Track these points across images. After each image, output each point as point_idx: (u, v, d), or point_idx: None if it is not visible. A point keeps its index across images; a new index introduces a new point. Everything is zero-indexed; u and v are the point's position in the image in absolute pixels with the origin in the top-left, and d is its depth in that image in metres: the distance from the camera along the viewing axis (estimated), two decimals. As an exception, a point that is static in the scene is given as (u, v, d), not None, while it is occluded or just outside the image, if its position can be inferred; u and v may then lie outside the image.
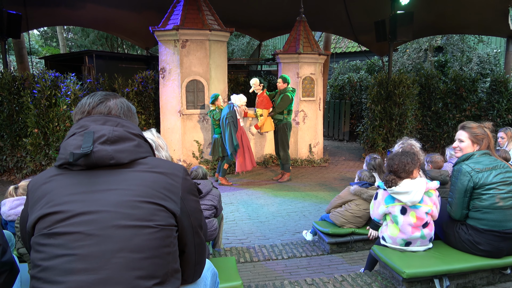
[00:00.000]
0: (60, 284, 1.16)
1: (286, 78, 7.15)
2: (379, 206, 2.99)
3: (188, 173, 1.44)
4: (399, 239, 2.88)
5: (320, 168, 8.43)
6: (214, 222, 3.62)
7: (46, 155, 6.93)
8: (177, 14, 7.47)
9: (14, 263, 1.57)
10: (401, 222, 2.85)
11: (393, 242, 2.92)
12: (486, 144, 2.86)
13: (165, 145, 2.20)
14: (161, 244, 1.26)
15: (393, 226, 2.90)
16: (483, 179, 2.71)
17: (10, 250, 1.58)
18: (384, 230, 2.99)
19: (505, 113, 8.87)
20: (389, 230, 2.93)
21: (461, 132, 2.93)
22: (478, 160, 2.79)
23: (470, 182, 2.73)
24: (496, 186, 2.70)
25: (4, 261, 1.52)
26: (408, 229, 2.83)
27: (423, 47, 12.89)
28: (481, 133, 2.86)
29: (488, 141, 2.87)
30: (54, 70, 7.23)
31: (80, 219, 1.22)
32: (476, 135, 2.86)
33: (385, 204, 2.94)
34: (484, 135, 2.86)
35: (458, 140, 2.94)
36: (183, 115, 7.54)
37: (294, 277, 3.34)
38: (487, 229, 2.70)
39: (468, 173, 2.74)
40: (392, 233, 2.90)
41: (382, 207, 2.96)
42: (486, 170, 2.74)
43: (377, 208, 3.02)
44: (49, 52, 19.67)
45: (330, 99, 12.85)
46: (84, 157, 1.28)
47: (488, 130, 2.89)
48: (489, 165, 2.77)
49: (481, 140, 2.86)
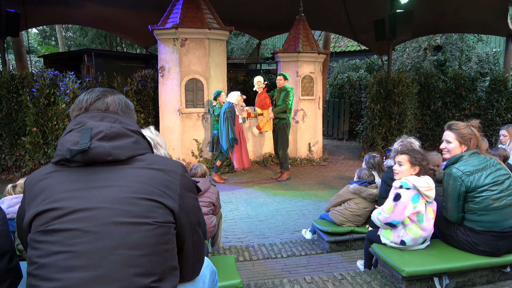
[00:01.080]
0: (57, 281, 1.15)
1: (286, 76, 7.11)
2: (405, 207, 2.75)
3: (186, 170, 1.43)
4: (420, 239, 2.80)
5: (320, 167, 8.42)
6: (212, 219, 3.62)
7: (45, 154, 6.92)
8: (177, 12, 7.46)
9: (19, 269, 1.57)
10: (424, 219, 2.77)
11: (414, 244, 2.82)
12: (474, 144, 2.81)
13: (163, 143, 2.19)
14: (159, 241, 1.25)
15: (415, 226, 2.78)
16: (474, 182, 2.67)
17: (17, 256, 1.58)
18: (404, 234, 2.81)
19: (504, 112, 8.88)
20: (411, 232, 2.79)
21: (448, 133, 2.87)
22: (468, 162, 2.74)
23: (462, 186, 2.69)
24: (488, 187, 2.66)
25: (11, 267, 1.51)
26: (429, 226, 2.79)
27: (422, 46, 12.89)
28: (468, 133, 2.80)
29: (476, 140, 2.81)
30: (53, 69, 7.22)
31: (77, 216, 1.20)
32: (463, 135, 2.81)
33: (412, 203, 2.74)
34: (472, 135, 2.80)
35: (445, 141, 2.88)
36: (182, 113, 7.53)
37: (293, 275, 3.34)
38: (485, 230, 2.69)
39: (459, 177, 2.70)
40: (415, 234, 2.78)
41: (410, 208, 2.74)
42: (477, 171, 2.70)
43: (403, 209, 2.75)
44: (48, 51, 19.65)
45: (330, 98, 12.84)
46: (82, 154, 1.27)
47: (476, 129, 2.84)
48: (479, 165, 2.72)
49: (468, 140, 2.80)
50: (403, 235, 2.82)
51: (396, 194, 2.81)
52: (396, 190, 2.82)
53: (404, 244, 2.83)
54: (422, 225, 2.77)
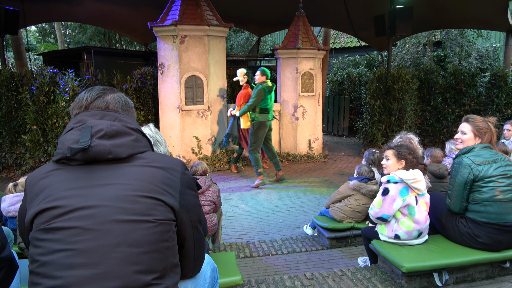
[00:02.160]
0: (58, 279, 1.16)
1: (265, 71, 6.45)
2: (394, 201, 2.81)
3: (186, 168, 1.44)
4: (414, 232, 2.83)
5: (320, 164, 8.43)
6: (213, 218, 3.63)
7: (45, 152, 6.92)
8: (176, 9, 7.44)
9: (13, 259, 1.57)
10: (416, 212, 2.80)
11: (408, 237, 2.84)
12: (488, 138, 2.87)
13: (163, 140, 2.20)
14: (160, 239, 1.26)
15: (407, 219, 2.82)
16: (483, 172, 2.72)
17: (9, 246, 1.58)
18: (397, 228, 2.85)
19: (504, 108, 8.87)
20: (404, 225, 2.82)
21: (464, 124, 2.94)
22: (479, 153, 2.80)
23: (470, 174, 2.74)
24: (496, 179, 2.71)
25: (3, 257, 1.51)
26: (422, 218, 2.82)
27: (422, 42, 12.86)
28: (484, 126, 2.87)
29: (491, 135, 2.88)
30: (52, 67, 7.20)
31: (78, 213, 1.21)
32: (479, 128, 2.87)
33: (401, 197, 2.80)
34: (487, 129, 2.87)
35: (460, 132, 2.95)
36: (182, 111, 7.53)
37: (293, 272, 3.35)
38: (486, 221, 2.71)
39: (468, 165, 2.75)
40: (408, 227, 2.81)
41: (399, 201, 2.80)
42: (487, 163, 2.75)
43: (392, 203, 2.81)
44: (47, 49, 19.61)
45: (329, 95, 12.83)
46: (82, 152, 1.27)
47: (492, 125, 2.90)
48: (489, 158, 2.77)
49: (483, 134, 2.87)
50: (396, 229, 2.87)
51: (384, 189, 2.88)
52: (384, 185, 2.90)
53: (398, 238, 2.86)
54: (414, 218, 2.81)
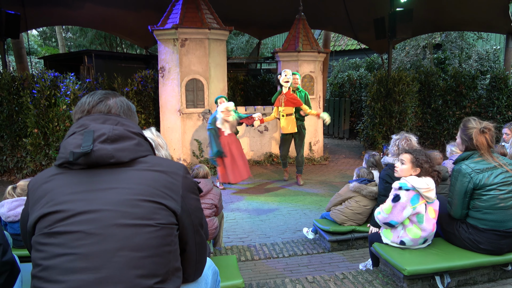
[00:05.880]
0: (61, 283, 1.16)
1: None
2: (404, 208, 2.75)
3: (188, 172, 1.44)
4: (420, 239, 2.81)
5: (320, 166, 8.43)
6: (214, 221, 3.63)
7: (46, 155, 6.93)
8: (176, 13, 7.46)
9: (15, 263, 1.58)
10: (424, 220, 2.76)
11: (414, 244, 2.83)
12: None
13: (164, 144, 2.20)
14: (162, 243, 1.26)
15: (415, 227, 2.78)
16: (483, 180, 2.66)
17: (11, 250, 1.59)
18: (403, 235, 2.82)
19: (505, 110, 8.87)
20: (411, 233, 2.79)
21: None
22: (478, 160, 2.74)
23: (470, 183, 2.69)
24: (497, 186, 2.66)
25: (5, 261, 1.52)
26: (430, 226, 2.78)
27: (422, 45, 12.87)
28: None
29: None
30: (53, 70, 7.22)
31: (81, 218, 1.21)
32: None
33: (411, 205, 2.75)
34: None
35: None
36: (183, 114, 7.54)
37: (295, 275, 3.35)
38: (488, 228, 2.68)
39: (468, 174, 2.69)
40: (415, 235, 2.78)
41: (409, 209, 2.75)
42: (487, 170, 2.69)
43: (401, 211, 2.76)
44: (48, 52, 19.64)
45: (330, 97, 12.84)
46: (84, 156, 1.27)
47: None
48: (489, 164, 2.71)
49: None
50: (403, 235, 2.83)
51: (395, 195, 2.81)
52: (395, 191, 2.82)
53: (403, 244, 2.84)
54: (422, 225, 2.77)
